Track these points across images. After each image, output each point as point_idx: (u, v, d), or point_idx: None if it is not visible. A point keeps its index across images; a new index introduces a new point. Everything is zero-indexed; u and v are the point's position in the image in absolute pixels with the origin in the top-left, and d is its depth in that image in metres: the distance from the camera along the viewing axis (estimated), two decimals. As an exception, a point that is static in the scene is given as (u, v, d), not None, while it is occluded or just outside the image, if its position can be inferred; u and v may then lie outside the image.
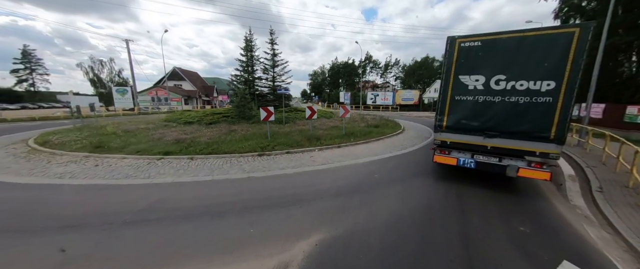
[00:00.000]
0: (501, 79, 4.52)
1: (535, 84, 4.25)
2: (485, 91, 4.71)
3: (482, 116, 4.81)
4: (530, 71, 4.26)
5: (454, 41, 4.93)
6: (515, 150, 4.64)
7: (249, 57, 17.27)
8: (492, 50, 4.58)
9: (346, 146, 9.28)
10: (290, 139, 9.30)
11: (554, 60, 4.07)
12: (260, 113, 8.87)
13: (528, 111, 4.36)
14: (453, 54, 4.94)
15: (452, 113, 5.16)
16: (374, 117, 18.39)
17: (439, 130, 5.40)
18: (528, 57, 4.26)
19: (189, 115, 13.71)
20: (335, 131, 11.73)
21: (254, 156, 7.51)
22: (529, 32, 4.26)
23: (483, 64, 4.68)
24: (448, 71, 5.05)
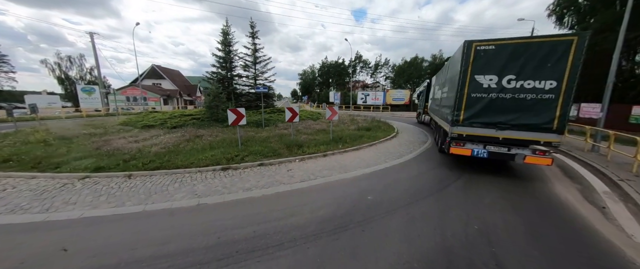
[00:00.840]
0: (512, 79, 5.16)
1: (540, 83, 4.95)
2: (498, 89, 5.32)
3: (495, 111, 5.43)
4: (536, 72, 4.94)
5: (471, 45, 5.37)
6: (523, 140, 5.37)
7: (227, 52, 15.51)
8: (503, 53, 5.15)
9: (333, 154, 7.84)
10: (267, 146, 7.76)
11: (556, 63, 4.78)
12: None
13: (534, 106, 5.08)
14: (470, 56, 5.41)
15: (469, 109, 5.67)
16: (364, 118, 17.09)
17: (456, 124, 5.86)
18: (534, 60, 4.91)
19: (153, 117, 11.85)
20: (322, 135, 10.27)
21: (216, 171, 5.91)
22: (535, 39, 4.99)
23: (496, 65, 5.24)
24: (465, 71, 5.51)
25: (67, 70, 36.71)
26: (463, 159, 7.11)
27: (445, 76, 8.02)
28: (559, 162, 7.53)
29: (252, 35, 16.01)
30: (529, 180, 5.83)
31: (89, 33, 21.47)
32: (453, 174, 6.13)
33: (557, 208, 4.38)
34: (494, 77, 5.31)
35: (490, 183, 5.50)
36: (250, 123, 11.70)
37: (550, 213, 4.20)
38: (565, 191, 5.19)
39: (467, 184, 5.45)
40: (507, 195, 4.91)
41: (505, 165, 6.99)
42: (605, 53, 14.33)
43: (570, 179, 6.01)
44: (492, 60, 5.25)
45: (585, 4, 15.83)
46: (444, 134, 6.97)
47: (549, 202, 4.64)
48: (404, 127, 15.65)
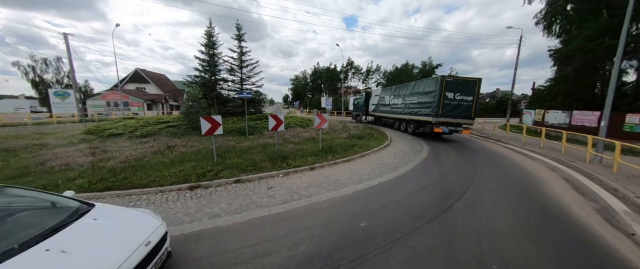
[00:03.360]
0: (458, 95, 11.49)
1: (467, 97, 11.55)
2: (454, 100, 11.53)
3: (452, 110, 11.58)
4: (465, 92, 11.47)
5: (444, 78, 11.33)
6: (461, 124, 11.95)
7: (211, 55, 14.60)
8: (457, 83, 11.49)
9: (322, 167, 7.04)
10: (247, 159, 6.88)
11: (472, 89, 11.54)
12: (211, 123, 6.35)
13: (465, 108, 11.63)
14: (443, 83, 11.31)
15: (442, 109, 11.55)
16: (357, 125, 16.44)
17: (436, 116, 11.63)
18: (466, 87, 11.47)
19: (124, 124, 10.71)
20: (311, 144, 9.48)
21: (182, 191, 4.98)
22: (469, 78, 11.70)
23: (454, 89, 11.43)
24: (441, 91, 11.37)
25: (42, 73, 34.53)
26: (437, 139, 13.17)
27: (413, 90, 14.16)
28: (564, 175, 7.02)
29: (238, 37, 15.21)
30: (541, 195, 5.22)
31: (62, 34, 20.05)
32: (454, 191, 5.45)
33: (582, 236, 3.73)
34: (453, 94, 11.52)
35: (499, 201, 4.84)
36: (233, 131, 10.79)
37: (574, 243, 3.54)
38: (584, 212, 4.59)
39: (473, 204, 4.77)
40: (522, 216, 4.24)
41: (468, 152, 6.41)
42: (595, 61, 14.43)
43: (583, 196, 5.44)
44: (452, 86, 11.46)
45: (571, 13, 16.03)
46: (418, 124, 13.72)
47: (570, 227, 3.99)
48: (397, 135, 15.10)
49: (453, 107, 11.56)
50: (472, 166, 7.78)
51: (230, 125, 11.57)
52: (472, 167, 7.58)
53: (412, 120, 14.07)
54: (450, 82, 11.33)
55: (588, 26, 12.89)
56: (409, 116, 14.41)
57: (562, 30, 16.45)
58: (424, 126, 12.97)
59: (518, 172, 7.18)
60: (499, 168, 7.62)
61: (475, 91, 11.49)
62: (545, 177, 6.72)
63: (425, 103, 12.54)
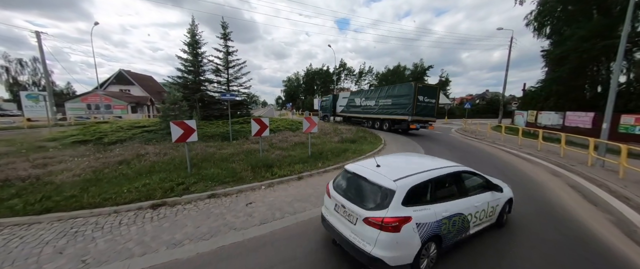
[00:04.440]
0: (426, 98, 14.69)
1: (430, 100, 15.06)
2: (423, 102, 14.55)
3: (422, 110, 14.55)
4: (430, 95, 15.06)
5: (416, 84, 14.25)
6: (427, 121, 15.38)
7: (194, 54, 13.74)
8: (425, 89, 14.95)
9: (311, 176, 6.37)
10: (226, 168, 6.13)
11: (433, 93, 15.60)
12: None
13: (430, 109, 15.16)
14: (416, 89, 14.04)
15: (416, 110, 14.21)
16: (349, 128, 15.86)
17: (411, 116, 14.16)
18: (430, 91, 15.32)
19: (94, 129, 9.69)
20: (300, 150, 8.79)
21: (142, 211, 4.20)
22: (431, 85, 18.54)
23: (424, 93, 14.59)
24: (415, 95, 14.01)
25: (17, 74, 32.52)
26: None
27: (387, 94, 16.56)
28: (569, 180, 6.60)
29: (223, 36, 14.41)
30: (551, 206, 4.72)
31: (35, 32, 18.69)
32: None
33: (606, 257, 3.19)
34: (422, 97, 14.31)
35: (511, 216, 4.29)
36: (217, 136, 9.97)
37: (601, 266, 3.00)
38: (601, 226, 4.09)
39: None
40: (539, 233, 3.69)
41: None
42: (588, 62, 14.39)
43: (595, 206, 4.98)
44: (422, 91, 14.33)
45: (561, 15, 16.02)
46: (393, 122, 16.11)
47: (592, 247, 3.46)
48: (390, 138, 14.61)
49: (422, 108, 14.58)
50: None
51: (213, 129, 10.75)
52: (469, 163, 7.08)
53: (388, 119, 16.49)
54: (421, 88, 14.48)
55: (582, 26, 12.81)
56: (384, 115, 16.74)
57: (552, 32, 16.46)
58: (400, 124, 15.51)
59: (521, 179, 6.72)
60: (501, 174, 7.14)
61: (436, 95, 15.49)
62: (551, 185, 6.27)
63: (401, 105, 15.06)
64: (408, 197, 2.61)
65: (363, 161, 3.51)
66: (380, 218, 2.47)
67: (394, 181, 2.69)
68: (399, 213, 2.51)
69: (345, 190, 3.10)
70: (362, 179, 2.96)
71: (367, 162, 3.36)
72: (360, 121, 19.66)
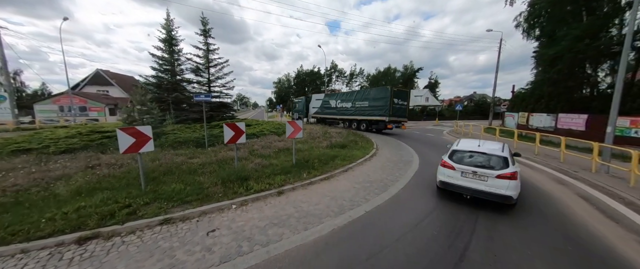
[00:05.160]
0: (399, 100, 15.98)
1: (403, 102, 16.41)
2: (397, 104, 15.81)
3: (396, 111, 15.80)
4: (401, 98, 16.23)
5: (392, 88, 15.50)
6: (400, 121, 16.65)
7: (170, 52, 12.58)
8: (398, 92, 16.10)
9: (293, 190, 5.49)
10: (192, 182, 5.16)
11: (406, 97, 16.95)
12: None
13: (404, 110, 16.62)
14: (392, 92, 15.34)
15: (392, 111, 15.36)
16: (340, 131, 15.08)
17: (388, 116, 15.34)
18: (403, 94, 16.60)
19: (46, 136, 8.36)
20: (283, 157, 7.89)
21: (64, 247, 3.19)
22: (402, 88, 17.86)
23: (398, 96, 15.92)
24: (391, 97, 15.20)
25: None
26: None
27: (364, 97, 17.54)
28: (577, 190, 6.04)
29: (204, 33, 13.33)
30: (567, 223, 4.06)
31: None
32: (465, 217, 4.14)
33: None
34: (397, 100, 15.60)
35: (524, 237, 3.57)
36: (192, 142, 8.91)
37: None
38: (630, 249, 3.44)
39: (492, 243, 3.47)
40: (561, 260, 2.98)
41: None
42: (582, 62, 14.25)
43: (616, 222, 4.36)
44: (397, 94, 15.63)
45: (551, 15, 15.92)
46: (371, 123, 17.14)
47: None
48: (382, 141, 13.94)
49: (397, 109, 15.87)
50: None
51: (188, 134, 9.68)
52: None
53: (365, 120, 17.65)
54: (396, 91, 15.82)
55: (577, 26, 12.67)
56: (361, 116, 17.85)
57: (542, 33, 16.39)
58: (377, 124, 16.78)
59: (525, 188, 6.10)
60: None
61: (408, 98, 17.28)
62: (560, 195, 5.67)
63: (378, 106, 16.18)
64: (511, 161, 4.75)
65: (464, 142, 5.73)
66: (509, 173, 4.44)
67: (502, 152, 4.91)
68: (514, 169, 4.58)
69: (470, 162, 4.96)
70: (482, 155, 4.97)
71: (468, 143, 5.57)
72: (336, 122, 20.85)
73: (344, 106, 19.30)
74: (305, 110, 25.19)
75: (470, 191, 4.74)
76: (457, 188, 4.89)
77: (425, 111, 41.90)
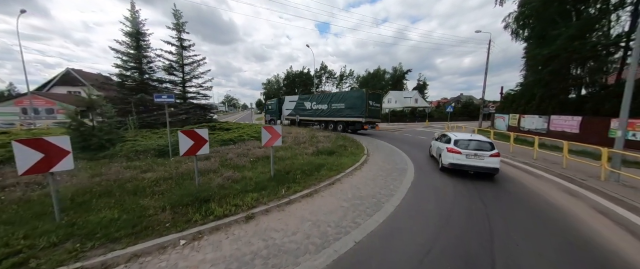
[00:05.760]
0: (373, 102, 17.24)
1: (376, 103, 17.79)
2: (372, 106, 17.06)
3: (371, 112, 16.90)
4: (376, 100, 17.72)
5: (366, 91, 16.86)
6: (375, 121, 18.29)
7: (136, 47, 11.19)
8: (373, 95, 17.47)
9: (267, 213, 4.44)
10: (130, 209, 3.98)
11: (379, 99, 18.44)
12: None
13: (378, 111, 18.24)
14: (367, 95, 16.51)
15: (368, 113, 16.44)
16: (328, 135, 14.11)
17: (365, 118, 16.35)
18: (376, 97, 17.96)
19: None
20: (261, 167, 6.81)
21: None
22: (376, 90, 20.30)
23: (373, 99, 17.18)
24: (367, 100, 16.29)
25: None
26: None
27: (340, 99, 18.41)
28: (593, 203, 5.35)
29: (176, 27, 12.02)
30: (595, 249, 3.25)
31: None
32: (474, 253, 3.24)
33: None
34: (372, 102, 16.90)
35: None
36: (151, 150, 7.64)
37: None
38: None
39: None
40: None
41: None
42: (577, 63, 13.99)
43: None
44: (371, 97, 16.88)
45: (536, 16, 15.71)
46: (347, 124, 18.04)
47: None
48: (373, 145, 13.11)
49: (372, 111, 16.97)
50: (475, 194, 5.82)
51: (152, 141, 8.39)
52: (477, 198, 5.61)
53: (342, 121, 18.41)
54: (370, 94, 16.94)
55: (570, 25, 12.39)
56: (338, 118, 18.60)
57: (532, 33, 16.19)
58: (354, 125, 17.71)
59: (535, 201, 5.37)
60: (509, 196, 5.76)
61: (381, 100, 18.72)
62: (577, 211, 4.93)
63: (355, 108, 17.14)
64: (494, 145, 7.02)
65: (460, 134, 7.79)
66: (496, 152, 6.66)
67: (488, 139, 7.21)
68: (497, 150, 6.79)
69: (471, 147, 6.98)
70: (478, 141, 7.08)
71: (462, 135, 7.61)
72: (311, 123, 21.29)
73: (319, 107, 19.95)
74: (278, 112, 24.99)
75: (474, 168, 6.77)
76: (465, 167, 6.85)
77: (415, 112, 41.83)
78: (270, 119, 26.74)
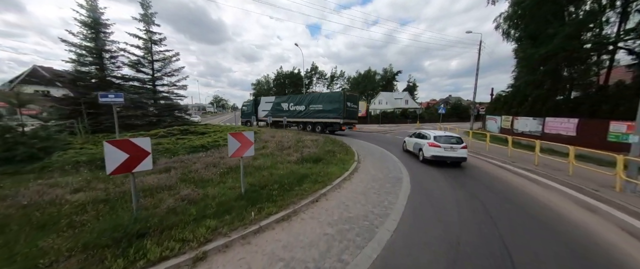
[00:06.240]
0: (351, 104, 17.87)
1: (354, 105, 18.57)
2: (350, 108, 17.68)
3: (349, 113, 17.41)
4: (352, 102, 18.25)
5: (345, 92, 17.32)
6: (353, 123, 18.57)
7: (92, 38, 9.77)
8: (350, 97, 17.81)
9: (224, 250, 3.36)
10: (23, 253, 2.80)
11: (356, 101, 19.25)
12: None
13: (356, 112, 19.10)
14: (345, 96, 17.00)
15: (345, 114, 16.88)
16: (315, 139, 13.09)
17: (342, 118, 16.81)
18: (354, 99, 18.77)
19: None
20: (232, 181, 5.69)
21: None
22: (352, 92, 21.17)
23: (350, 100, 17.71)
24: (344, 101, 16.82)
25: None
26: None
27: (318, 100, 18.75)
28: (616, 220, 4.60)
29: (144, 18, 10.66)
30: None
31: None
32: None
33: None
34: (349, 103, 17.58)
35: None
36: (97, 161, 6.35)
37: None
38: None
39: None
40: None
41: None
42: (573, 62, 13.63)
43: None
44: (349, 98, 17.48)
45: (529, 15, 15.37)
46: (326, 125, 18.31)
47: None
48: (365, 149, 12.21)
49: (349, 112, 17.37)
50: (481, 208, 4.98)
51: (101, 149, 7.07)
52: (484, 212, 4.78)
53: (320, 122, 18.65)
54: (348, 95, 17.39)
55: (568, 23, 12.00)
56: (316, 119, 18.81)
57: (525, 33, 15.87)
58: (332, 126, 17.99)
59: (547, 218, 4.61)
60: (521, 212, 4.94)
61: (357, 102, 19.26)
62: (600, 231, 4.16)
63: (333, 109, 17.41)
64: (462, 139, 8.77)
65: (437, 132, 9.41)
66: (465, 145, 8.46)
67: (457, 135, 9.13)
68: (465, 143, 8.64)
69: (446, 141, 8.35)
70: (450, 136, 8.61)
71: (439, 132, 9.15)
72: (289, 124, 21.01)
73: (297, 108, 20.10)
74: (254, 114, 24.53)
75: (450, 158, 8.31)
76: (444, 158, 8.29)
77: (405, 114, 41.56)
78: (245, 121, 26.04)
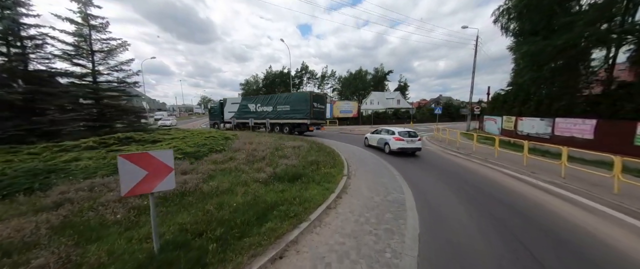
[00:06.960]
0: (318, 104, 18.12)
1: (321, 106, 18.87)
2: (318, 108, 17.96)
3: (316, 114, 17.80)
4: (320, 102, 18.75)
5: (311, 94, 17.50)
6: (321, 123, 19.26)
7: (11, 20, 7.52)
8: (316, 96, 18.25)
9: None
10: None
11: (324, 101, 20.16)
12: None
13: (323, 113, 19.51)
14: (311, 97, 17.18)
15: (313, 115, 17.21)
16: (299, 145, 11.19)
17: (309, 119, 17.04)
18: (321, 99, 19.04)
19: None
20: (148, 226, 3.72)
21: None
22: (321, 93, 24.26)
23: (317, 101, 17.97)
24: (310, 102, 17.00)
25: None
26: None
27: (285, 101, 18.87)
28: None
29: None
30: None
31: None
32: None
33: None
34: (316, 104, 17.79)
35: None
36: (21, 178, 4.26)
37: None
38: None
39: None
40: None
41: None
42: (580, 58, 12.25)
43: None
44: (315, 98, 17.71)
45: (534, 6, 14.06)
46: (293, 126, 18.45)
47: None
48: (356, 155, 10.46)
49: (317, 113, 17.53)
50: (523, 252, 3.26)
51: (23, 164, 4.96)
52: (525, 251, 3.06)
53: (288, 123, 18.60)
54: (314, 96, 17.42)
55: (585, 13, 10.65)
56: (284, 120, 18.74)
57: (524, 27, 14.55)
58: (300, 127, 18.02)
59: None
60: (575, 254, 3.26)
61: (325, 102, 19.50)
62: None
63: (300, 110, 17.46)
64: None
65: (400, 128, 11.70)
66: (420, 137, 10.93)
67: (413, 129, 11.67)
68: (420, 135, 11.50)
69: (407, 135, 10.46)
70: (409, 131, 10.74)
71: (402, 129, 11.32)
72: (256, 126, 20.79)
73: (264, 109, 19.95)
74: (221, 115, 23.97)
75: (411, 149, 10.44)
76: (407, 149, 10.35)
77: (398, 114, 40.32)
78: (213, 123, 25.27)
